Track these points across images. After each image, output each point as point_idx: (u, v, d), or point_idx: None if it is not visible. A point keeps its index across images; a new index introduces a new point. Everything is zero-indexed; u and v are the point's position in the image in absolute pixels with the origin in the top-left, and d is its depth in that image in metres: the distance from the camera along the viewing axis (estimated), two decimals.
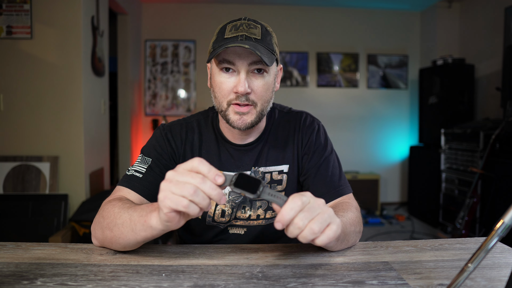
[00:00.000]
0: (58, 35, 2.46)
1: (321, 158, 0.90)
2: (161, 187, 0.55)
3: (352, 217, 0.76)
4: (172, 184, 0.54)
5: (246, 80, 0.78)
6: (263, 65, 0.79)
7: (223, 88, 0.80)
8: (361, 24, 4.34)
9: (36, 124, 2.46)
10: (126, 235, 0.66)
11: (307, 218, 0.55)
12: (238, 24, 0.80)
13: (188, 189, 0.53)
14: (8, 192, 2.39)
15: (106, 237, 0.70)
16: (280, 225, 0.55)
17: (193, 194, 0.53)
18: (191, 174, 0.54)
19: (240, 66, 0.78)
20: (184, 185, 0.54)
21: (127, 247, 0.69)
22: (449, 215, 3.23)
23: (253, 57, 0.78)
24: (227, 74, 0.80)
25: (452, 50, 3.99)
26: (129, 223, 0.65)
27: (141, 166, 0.85)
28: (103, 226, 0.70)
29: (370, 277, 0.61)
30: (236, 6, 4.20)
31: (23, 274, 0.61)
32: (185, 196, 0.53)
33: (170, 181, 0.55)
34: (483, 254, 0.45)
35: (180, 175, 0.55)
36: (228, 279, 0.60)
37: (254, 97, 0.81)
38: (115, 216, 0.68)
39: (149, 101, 4.25)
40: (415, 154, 3.90)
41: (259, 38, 0.79)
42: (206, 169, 0.55)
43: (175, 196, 0.54)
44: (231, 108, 0.81)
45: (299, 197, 0.56)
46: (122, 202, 0.73)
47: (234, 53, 0.77)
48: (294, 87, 4.32)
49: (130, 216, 0.66)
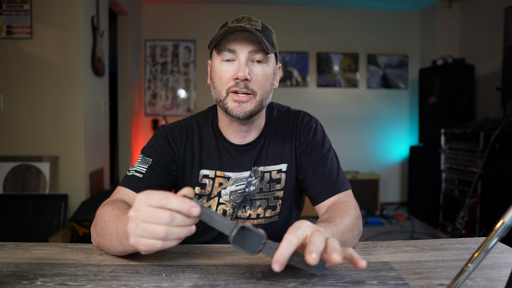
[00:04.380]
0: (58, 35, 2.46)
1: (318, 155, 0.90)
2: (128, 229, 0.52)
3: (350, 221, 0.75)
4: (139, 230, 0.50)
5: (246, 66, 0.79)
6: (263, 54, 0.80)
7: (223, 76, 0.81)
8: (361, 24, 4.34)
9: (36, 124, 2.46)
10: (116, 246, 0.64)
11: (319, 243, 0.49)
12: (240, 17, 0.83)
13: (158, 233, 0.49)
14: (8, 192, 2.39)
15: (100, 243, 0.70)
16: (278, 266, 0.48)
17: (165, 237, 0.49)
18: (157, 214, 0.49)
19: (241, 53, 0.79)
20: (153, 229, 0.49)
21: (118, 254, 0.68)
22: (449, 215, 3.23)
23: (253, 45, 0.79)
24: (227, 63, 0.81)
25: (452, 50, 3.99)
26: (116, 236, 0.63)
27: (141, 166, 0.85)
28: (97, 231, 0.70)
29: (370, 277, 0.61)
30: (236, 6, 4.20)
31: (23, 274, 0.61)
32: (156, 238, 0.49)
33: (136, 225, 0.50)
34: (483, 254, 0.45)
35: (145, 216, 0.50)
36: (228, 279, 0.60)
37: (253, 85, 0.81)
38: (105, 225, 0.67)
39: (149, 101, 4.25)
40: (415, 154, 3.90)
41: (260, 29, 0.81)
42: (177, 205, 0.49)
43: (147, 241, 0.50)
44: (229, 97, 0.81)
45: (295, 232, 0.50)
46: (112, 207, 0.71)
47: (235, 41, 0.79)
48: (294, 87, 4.32)
49: (116, 228, 0.63)
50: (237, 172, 0.90)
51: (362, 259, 0.50)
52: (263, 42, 0.77)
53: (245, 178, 0.90)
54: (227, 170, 0.90)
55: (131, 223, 0.51)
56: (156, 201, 0.50)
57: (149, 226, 0.50)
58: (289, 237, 0.50)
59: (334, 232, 0.67)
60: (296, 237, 0.50)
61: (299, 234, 0.50)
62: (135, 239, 0.51)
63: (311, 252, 0.48)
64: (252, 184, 0.90)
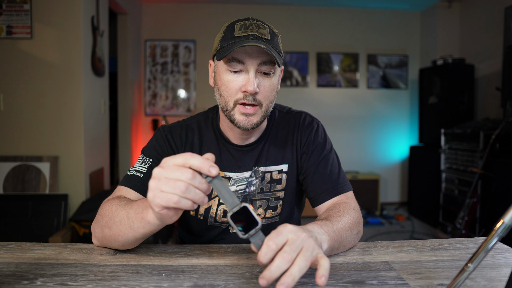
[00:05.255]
0: (58, 35, 2.46)
1: (319, 156, 0.90)
2: (149, 186, 0.54)
3: (349, 221, 0.74)
4: (161, 183, 0.53)
5: (256, 79, 0.78)
6: (271, 66, 0.79)
7: (231, 87, 0.80)
8: (361, 24, 4.34)
9: (36, 124, 2.46)
10: (125, 232, 0.66)
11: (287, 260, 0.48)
12: (248, 23, 0.80)
13: (179, 186, 0.52)
14: (8, 192, 2.39)
15: (106, 236, 0.70)
16: (263, 281, 0.48)
17: (185, 192, 0.52)
18: (180, 170, 0.52)
19: (250, 65, 0.78)
20: (174, 182, 0.52)
21: (126, 245, 0.69)
22: (449, 215, 3.23)
23: (263, 57, 0.78)
24: (235, 73, 0.80)
25: (452, 50, 3.99)
26: (127, 221, 0.65)
27: (142, 166, 0.85)
28: (102, 224, 0.71)
29: (370, 277, 0.61)
30: (236, 6, 4.20)
31: (23, 274, 0.61)
32: (176, 193, 0.52)
33: (158, 179, 0.53)
34: (483, 254, 0.45)
35: (169, 171, 0.53)
36: (228, 279, 0.60)
37: (260, 97, 0.80)
38: (112, 214, 0.68)
39: (149, 101, 4.25)
40: (415, 154, 3.90)
41: (269, 39, 0.79)
42: (198, 162, 0.52)
43: (164, 194, 0.52)
44: (237, 108, 0.81)
45: (273, 239, 0.50)
46: (120, 199, 0.73)
47: (244, 52, 0.77)
48: (294, 87, 4.32)
49: (127, 213, 0.66)
50: (238, 172, 0.90)
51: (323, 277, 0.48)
52: (276, 59, 0.75)
53: (246, 178, 0.90)
54: (228, 170, 0.90)
55: (153, 179, 0.54)
56: (181, 160, 0.53)
57: (171, 180, 0.52)
58: (268, 242, 0.50)
59: (330, 230, 0.66)
60: (275, 243, 0.50)
61: (278, 240, 0.50)
62: (153, 193, 0.53)
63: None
64: (253, 184, 0.90)
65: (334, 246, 0.67)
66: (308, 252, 0.50)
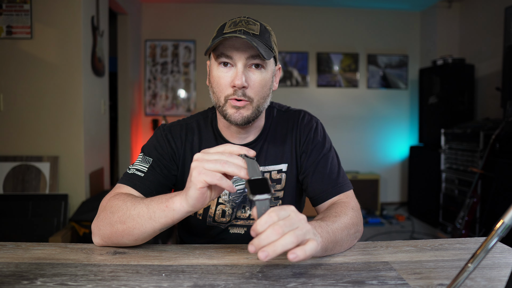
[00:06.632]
0: (58, 35, 2.46)
1: (319, 155, 0.90)
2: (192, 166, 0.60)
3: (345, 221, 0.74)
4: (203, 162, 0.59)
5: (244, 74, 0.78)
6: (260, 60, 0.80)
7: (221, 83, 0.81)
8: (361, 24, 4.34)
9: (36, 124, 2.46)
10: (143, 224, 0.68)
11: (278, 232, 0.51)
12: (237, 20, 0.81)
13: (220, 163, 0.58)
14: (8, 192, 2.39)
15: (117, 231, 0.70)
16: (254, 234, 0.52)
17: (224, 165, 0.58)
18: (219, 154, 0.60)
19: (238, 59, 0.78)
20: (215, 161, 0.58)
21: (139, 239, 0.70)
22: (449, 215, 3.23)
23: (250, 51, 0.78)
24: (225, 69, 0.80)
25: (452, 50, 3.99)
26: (147, 212, 0.67)
27: (142, 165, 0.85)
28: (113, 221, 0.70)
29: (370, 277, 0.61)
30: (236, 6, 4.20)
31: (23, 274, 0.61)
32: (217, 170, 0.58)
33: (201, 160, 0.60)
34: (483, 254, 0.45)
35: (210, 155, 0.60)
36: (228, 279, 0.60)
37: (250, 92, 0.80)
38: (128, 208, 0.70)
39: (149, 101, 4.25)
40: (415, 154, 3.90)
41: (257, 33, 0.80)
42: (237, 148, 0.61)
43: (208, 171, 0.58)
44: (228, 103, 0.81)
45: (277, 211, 0.53)
46: (132, 196, 0.75)
47: (232, 47, 0.78)
48: (294, 87, 4.32)
49: (147, 205, 0.68)
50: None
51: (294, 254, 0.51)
52: (259, 50, 0.75)
53: None
54: None
55: (196, 161, 0.61)
56: (221, 148, 0.62)
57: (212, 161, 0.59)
58: (271, 213, 0.53)
59: (324, 231, 0.65)
60: (278, 215, 0.53)
61: (281, 214, 0.53)
62: (197, 171, 0.59)
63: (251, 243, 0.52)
64: None
65: (328, 247, 0.66)
66: (300, 232, 0.53)
